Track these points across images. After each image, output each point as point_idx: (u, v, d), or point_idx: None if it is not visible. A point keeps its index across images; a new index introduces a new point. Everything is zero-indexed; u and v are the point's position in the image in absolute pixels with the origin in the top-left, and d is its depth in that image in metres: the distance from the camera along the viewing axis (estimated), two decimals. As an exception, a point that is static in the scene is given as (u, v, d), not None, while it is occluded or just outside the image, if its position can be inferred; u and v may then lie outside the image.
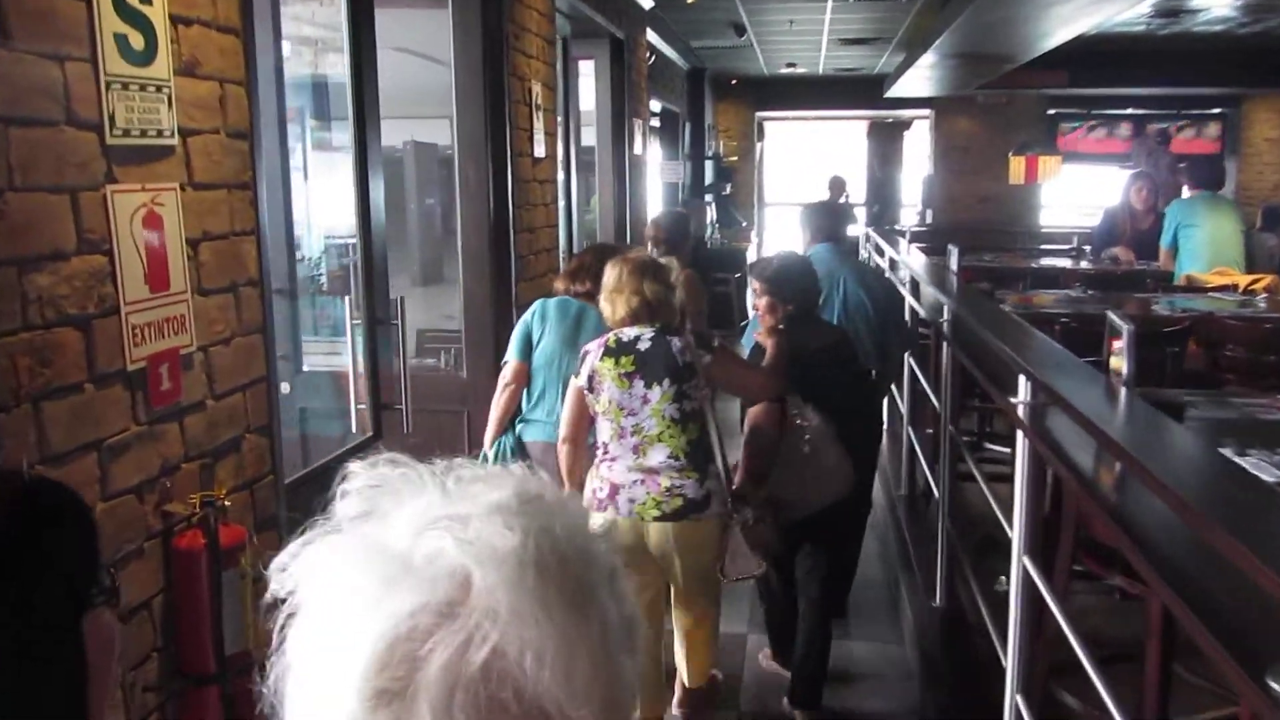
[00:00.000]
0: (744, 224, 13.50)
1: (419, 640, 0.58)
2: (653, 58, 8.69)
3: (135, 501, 1.88)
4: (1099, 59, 10.97)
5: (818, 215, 4.57)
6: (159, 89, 1.94)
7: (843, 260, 4.36)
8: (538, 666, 0.58)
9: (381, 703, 0.58)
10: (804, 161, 19.99)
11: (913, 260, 5.14)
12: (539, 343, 3.62)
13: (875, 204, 11.58)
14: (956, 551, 3.72)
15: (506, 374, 3.63)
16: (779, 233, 15.62)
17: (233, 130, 2.20)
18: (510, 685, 0.58)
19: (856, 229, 11.92)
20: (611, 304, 3.06)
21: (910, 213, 14.34)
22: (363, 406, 3.20)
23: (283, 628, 0.64)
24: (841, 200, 12.42)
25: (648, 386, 2.96)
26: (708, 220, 12.18)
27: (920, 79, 10.86)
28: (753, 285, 3.61)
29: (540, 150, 4.58)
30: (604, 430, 3.04)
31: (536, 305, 3.69)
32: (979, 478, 3.46)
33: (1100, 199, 15.33)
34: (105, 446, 1.81)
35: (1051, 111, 13.97)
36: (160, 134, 1.95)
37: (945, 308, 3.71)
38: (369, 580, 0.60)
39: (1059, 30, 7.81)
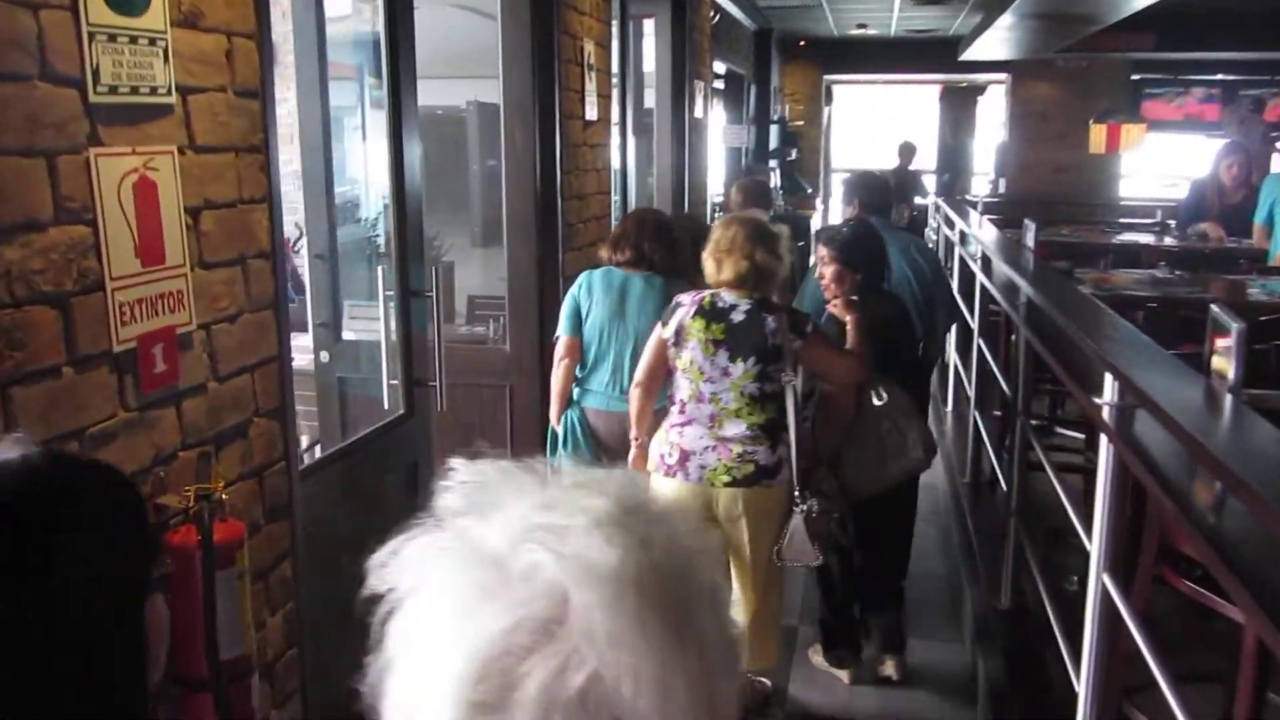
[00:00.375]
0: (809, 190, 13.14)
1: (516, 657, 0.57)
2: (717, 17, 8.38)
3: (123, 494, 1.73)
4: (1188, 21, 10.38)
5: (862, 186, 4.42)
6: (153, 41, 1.76)
7: (887, 234, 4.17)
8: (634, 692, 0.58)
9: (478, 714, 0.58)
10: (873, 127, 19.55)
11: (985, 234, 4.84)
12: (588, 315, 3.61)
13: (946, 172, 11.13)
14: (1025, 551, 3.48)
15: (560, 350, 3.63)
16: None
17: (242, 88, 2.02)
18: (607, 711, 0.57)
19: (926, 198, 11.55)
20: (718, 263, 3.00)
21: (982, 182, 13.84)
22: (395, 382, 3.04)
23: (382, 624, 0.63)
24: (910, 167, 12.02)
25: (732, 360, 2.93)
26: (772, 186, 11.86)
27: (998, 41, 10.39)
28: (820, 253, 3.52)
29: (592, 113, 4.36)
30: (682, 388, 3.01)
31: (582, 278, 3.65)
32: (1050, 470, 3.20)
33: (1185, 169, 14.71)
34: (88, 435, 1.65)
35: (1136, 77, 13.32)
36: (154, 91, 1.77)
37: (1021, 289, 3.43)
38: (466, 586, 0.60)
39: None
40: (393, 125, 2.93)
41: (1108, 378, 2.16)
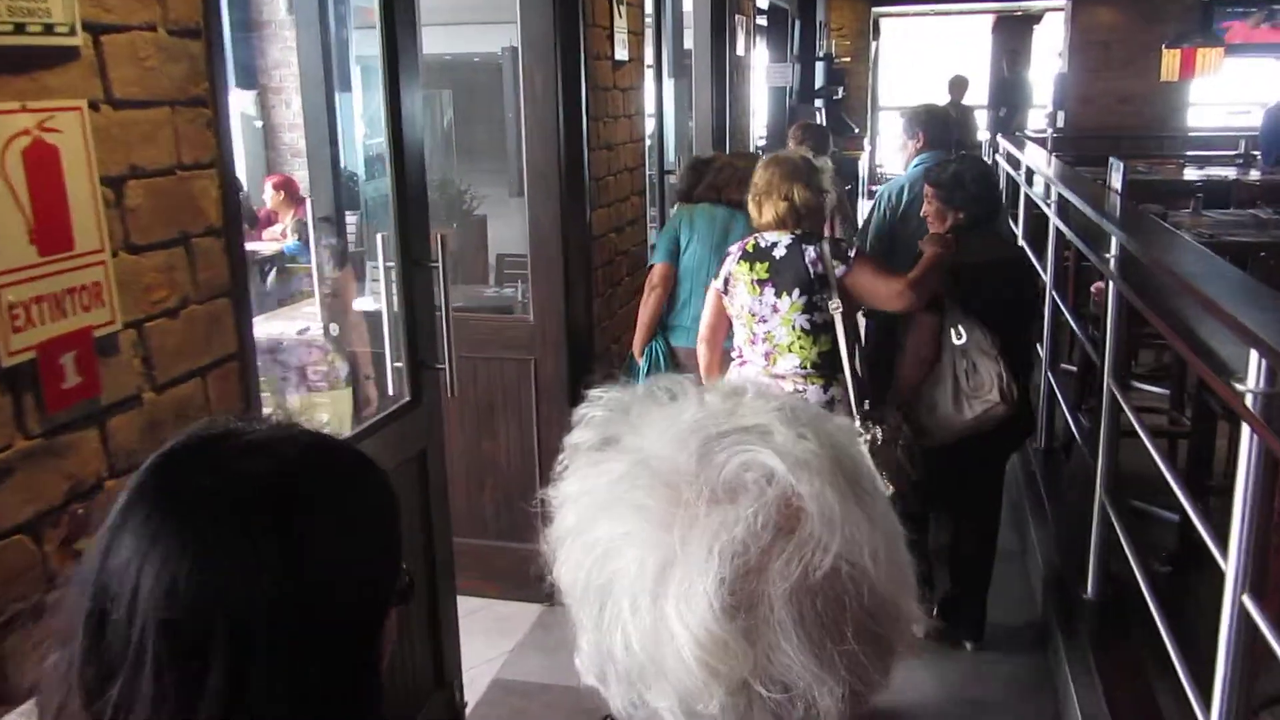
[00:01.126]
0: (855, 130, 12.55)
1: (764, 556, 0.60)
2: (758, -54, 7.84)
3: (28, 543, 1.39)
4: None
5: (923, 119, 4.37)
6: (41, -34, 1.38)
7: None
8: (874, 563, 0.62)
9: (738, 615, 0.60)
10: (923, 62, 18.78)
11: (1060, 176, 4.35)
12: (686, 248, 3.65)
13: (1002, 107, 10.48)
14: (1116, 532, 3.07)
15: (653, 277, 3.68)
16: (894, 140, 14.59)
17: (177, 25, 1.64)
18: (855, 585, 0.62)
19: (980, 134, 10.93)
20: (758, 206, 3.05)
21: (1039, 116, 13.13)
22: (400, 365, 2.68)
23: (553, 554, 0.67)
24: (963, 102, 11.37)
25: (778, 295, 2.96)
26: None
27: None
28: (926, 190, 3.45)
29: (622, 52, 3.93)
30: (738, 334, 3.08)
31: (682, 211, 3.75)
32: (1146, 438, 2.80)
33: (1258, 96, 13.89)
34: (-27, 472, 1.32)
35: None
36: (50, 30, 1.40)
37: (1113, 240, 2.98)
38: (657, 501, 0.62)
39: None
40: (388, 69, 2.54)
41: (1253, 358, 1.74)
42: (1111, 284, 3.01)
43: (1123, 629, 3.09)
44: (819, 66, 11.87)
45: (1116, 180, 3.48)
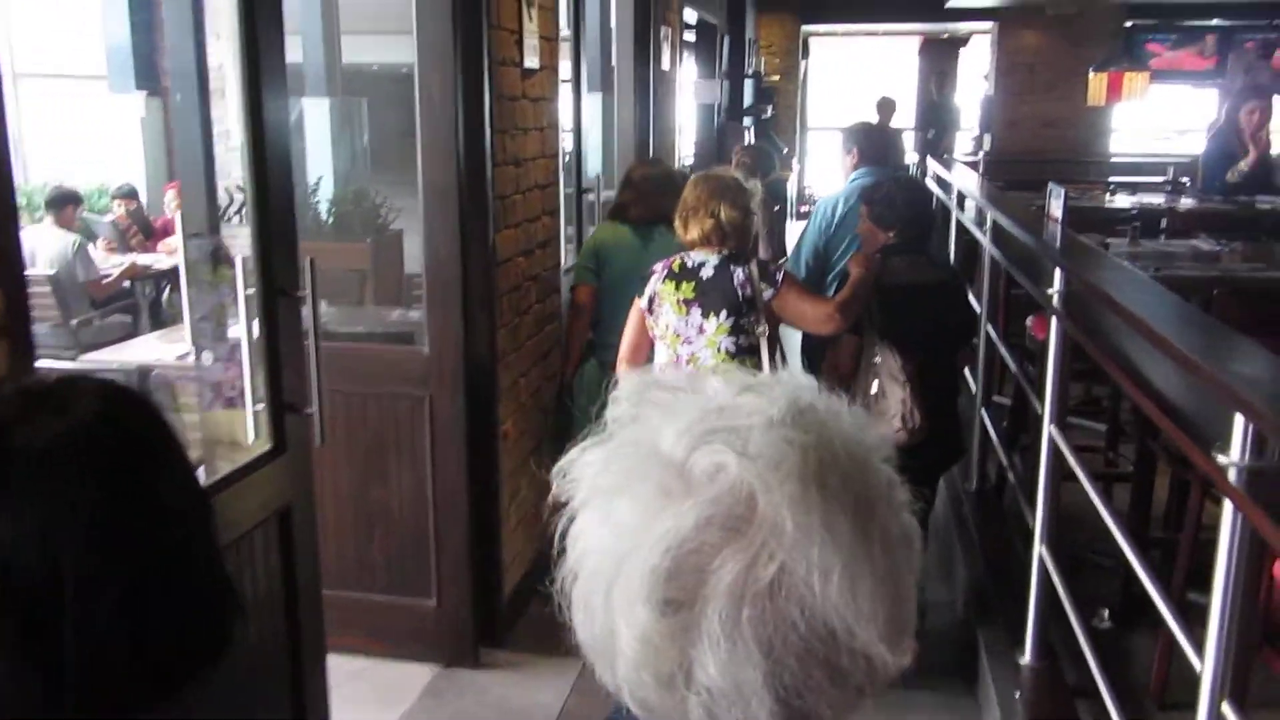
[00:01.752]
0: (785, 150, 12.41)
1: (707, 555, 0.61)
2: (685, -43, 7.61)
3: None
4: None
5: (860, 136, 4.38)
6: None
7: None
8: (824, 584, 0.60)
9: (670, 611, 0.61)
10: (850, 83, 18.83)
11: (994, 201, 4.14)
12: (606, 266, 3.63)
13: (930, 129, 10.41)
14: (1056, 593, 2.84)
15: (576, 299, 3.68)
16: (823, 160, 14.50)
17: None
18: (796, 602, 0.60)
19: (908, 157, 10.85)
20: (684, 223, 3.02)
21: (966, 139, 13.13)
22: (262, 408, 2.33)
23: (563, 533, 0.68)
24: (890, 124, 11.29)
25: (704, 316, 2.92)
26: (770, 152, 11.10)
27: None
28: (860, 208, 3.46)
29: (533, 59, 3.62)
30: (660, 354, 3.01)
31: (600, 228, 3.76)
32: (1085, 480, 2.58)
33: (1178, 123, 14.10)
34: None
35: (1129, 23, 12.63)
36: None
37: (1057, 274, 2.75)
38: (648, 489, 0.63)
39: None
40: (247, 71, 2.20)
41: (1238, 422, 1.49)
42: (1054, 321, 2.77)
43: (1063, 695, 2.86)
44: (748, 84, 11.70)
45: (1056, 208, 3.26)
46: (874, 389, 3.09)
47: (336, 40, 7.28)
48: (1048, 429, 2.81)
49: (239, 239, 4.54)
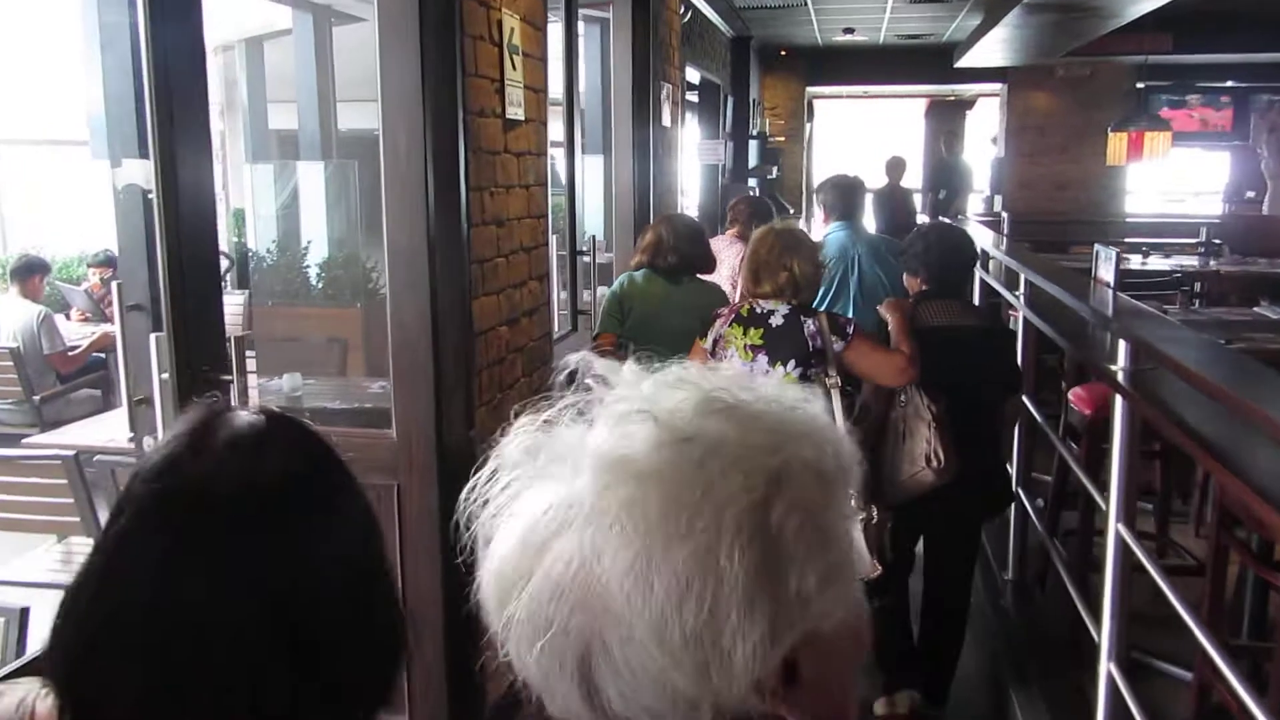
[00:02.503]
0: (791, 211, 12.11)
1: (544, 534, 0.64)
2: (688, 14, 7.36)
3: None
4: (1202, 20, 9.44)
5: (824, 192, 4.51)
6: None
7: (858, 239, 4.30)
8: (619, 581, 0.60)
9: (512, 589, 0.64)
10: (858, 144, 18.68)
11: (1031, 265, 3.76)
12: (629, 315, 3.64)
13: (941, 189, 10.10)
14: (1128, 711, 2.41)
15: (600, 347, 3.55)
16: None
17: None
18: (599, 599, 0.60)
19: (919, 216, 10.52)
20: (755, 275, 3.03)
21: (977, 200, 12.83)
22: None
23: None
24: (901, 184, 10.98)
25: (771, 364, 2.93)
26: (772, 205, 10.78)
27: (997, 44, 9.39)
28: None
29: (517, 110, 3.28)
30: None
31: (624, 276, 3.76)
32: (1163, 584, 2.17)
33: (1194, 184, 13.81)
34: None
35: (1141, 85, 12.38)
36: None
37: (1121, 347, 2.35)
38: (537, 473, 0.67)
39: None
40: (158, 132, 1.83)
41: None
42: (1120, 401, 2.36)
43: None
44: (752, 145, 11.44)
45: (1107, 271, 2.87)
46: (902, 429, 3.06)
47: (332, 106, 7.09)
48: (1115, 527, 2.39)
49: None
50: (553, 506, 0.63)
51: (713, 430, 0.63)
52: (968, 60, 10.68)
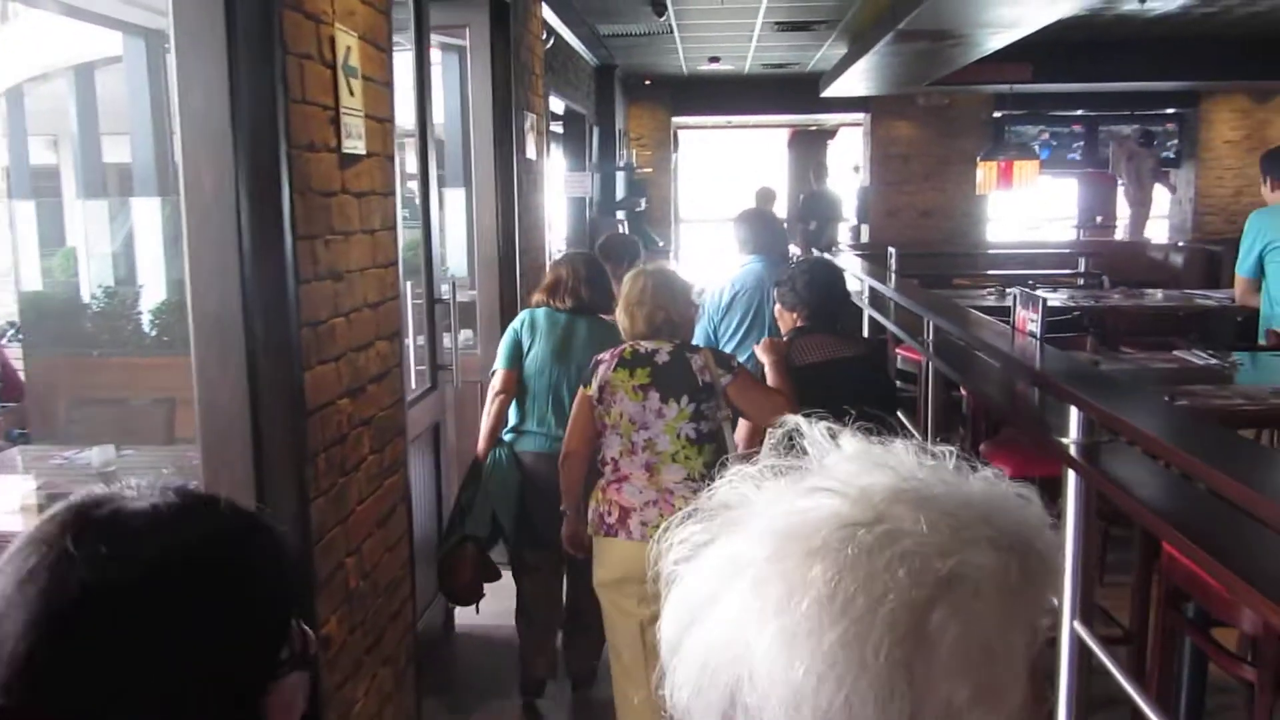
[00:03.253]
0: (660, 244, 11.82)
1: (720, 586, 0.65)
2: (551, 40, 6.96)
3: None
4: (1057, 50, 9.56)
5: (745, 225, 4.56)
6: None
7: (774, 273, 4.15)
8: (766, 646, 0.60)
9: (677, 629, 0.68)
10: (722, 174, 18.66)
11: (941, 311, 3.45)
12: (529, 351, 3.60)
13: (811, 219, 9.95)
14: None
15: (496, 383, 3.63)
16: (698, 253, 14.02)
17: None
18: (744, 650, 0.62)
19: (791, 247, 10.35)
20: (631, 317, 3.05)
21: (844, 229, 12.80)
22: None
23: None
24: (771, 213, 10.83)
25: (664, 401, 2.91)
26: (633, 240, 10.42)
27: (862, 74, 9.33)
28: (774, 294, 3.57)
29: (357, 144, 2.79)
30: (613, 445, 2.98)
31: (525, 314, 3.72)
32: (1130, 689, 1.84)
33: (1049, 212, 14.14)
34: None
35: (998, 114, 12.60)
36: None
37: (1073, 416, 2.02)
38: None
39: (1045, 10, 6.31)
40: None
41: None
42: (1073, 478, 2.02)
43: None
44: (620, 176, 11.12)
45: (1031, 319, 2.55)
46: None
47: (168, 137, 6.44)
48: (1071, 626, 2.05)
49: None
50: (728, 562, 0.63)
51: (895, 519, 0.61)
52: (833, 90, 10.62)
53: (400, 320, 3.23)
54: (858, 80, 9.76)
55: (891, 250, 4.83)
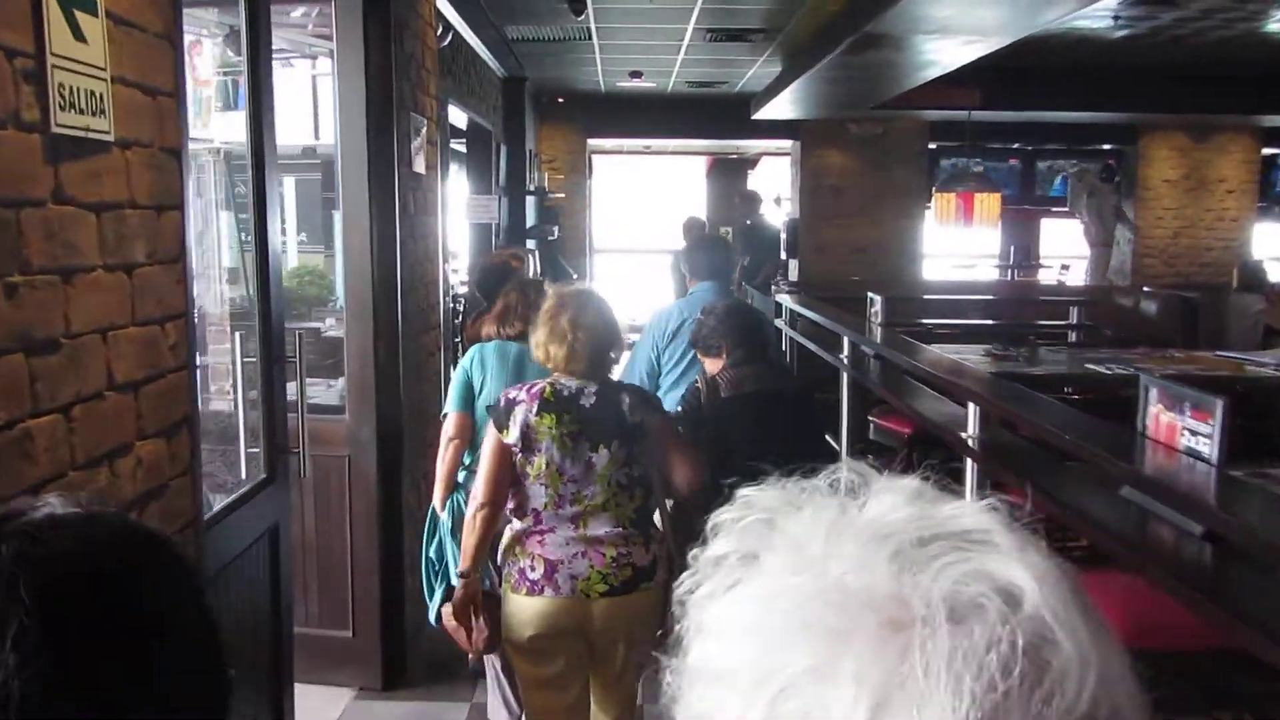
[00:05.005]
0: (575, 276, 10.76)
1: (1010, 690, 0.45)
2: (448, 36, 5.88)
3: None
4: (1003, 77, 8.82)
5: (698, 251, 4.46)
6: None
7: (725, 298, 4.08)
8: (1132, 707, 0.48)
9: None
10: (638, 204, 17.79)
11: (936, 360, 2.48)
12: (481, 391, 3.36)
13: (746, 254, 9.00)
14: None
15: (449, 428, 3.39)
16: (615, 285, 12.99)
17: None
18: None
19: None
20: (567, 348, 2.69)
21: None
22: None
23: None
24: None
25: (594, 449, 2.67)
26: (531, 272, 9.32)
27: (798, 95, 8.45)
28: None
29: (88, 120, 1.68)
30: (536, 497, 2.68)
31: (473, 351, 3.49)
32: None
33: (977, 248, 13.48)
34: None
35: (932, 145, 11.88)
36: None
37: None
38: (858, 626, 0.47)
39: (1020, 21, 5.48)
40: None
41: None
42: None
43: None
44: (530, 201, 10.05)
45: (1195, 433, 1.56)
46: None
47: None
48: None
49: None
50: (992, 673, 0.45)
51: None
52: (765, 112, 9.74)
53: (189, 403, 2.11)
54: (793, 102, 8.88)
55: (874, 297, 3.90)
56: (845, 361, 3.85)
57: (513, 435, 2.65)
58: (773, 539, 0.53)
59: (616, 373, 3.26)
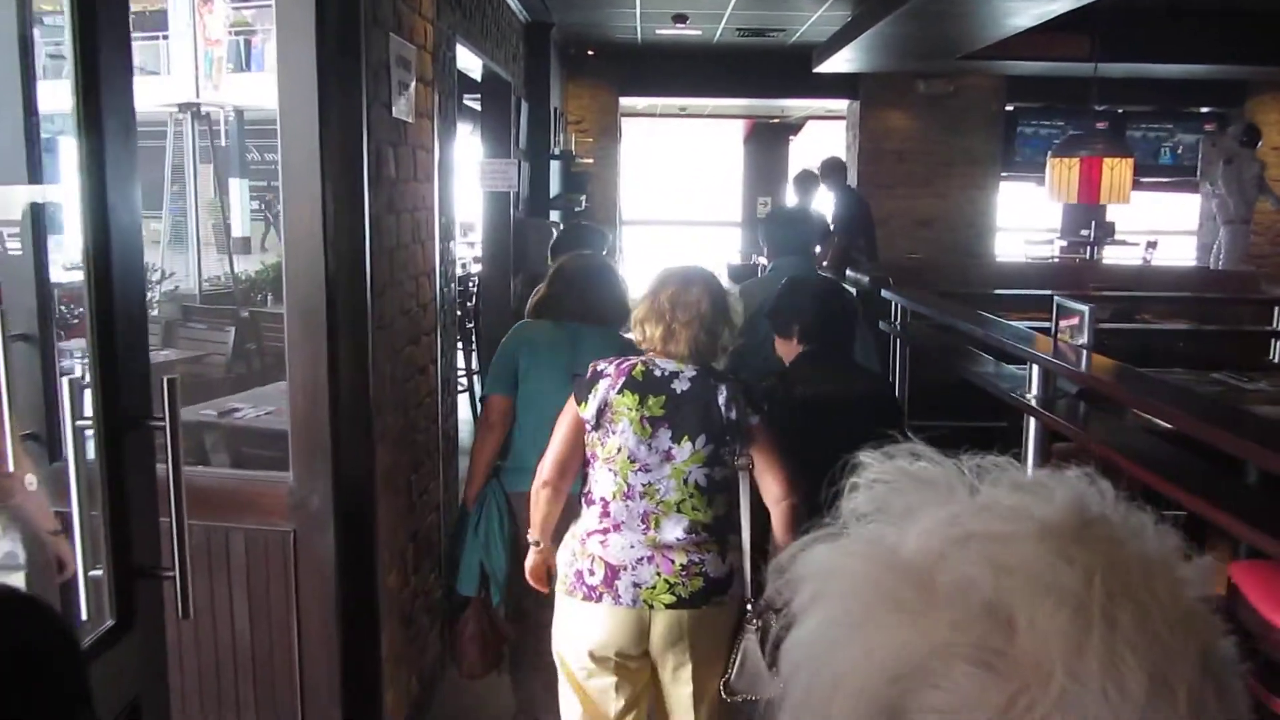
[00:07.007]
0: (611, 237, 9.48)
1: (941, 690, 0.47)
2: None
3: None
4: (1129, 19, 7.46)
5: (773, 224, 4.12)
6: None
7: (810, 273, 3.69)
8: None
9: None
10: (669, 172, 16.62)
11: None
12: (525, 376, 3.05)
13: (839, 232, 7.64)
14: None
15: (489, 413, 3.09)
16: (645, 260, 11.69)
17: None
18: None
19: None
20: (668, 330, 2.46)
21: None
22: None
23: (778, 643, 0.57)
24: (811, 206, 8.47)
25: (675, 440, 2.42)
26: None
27: (871, 45, 7.14)
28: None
29: None
30: (604, 483, 2.46)
31: (518, 327, 3.20)
32: None
33: (1053, 222, 12.12)
34: None
35: (1010, 107, 10.52)
36: None
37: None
38: (875, 599, 0.51)
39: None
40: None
41: None
42: None
43: None
44: (554, 167, 8.77)
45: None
46: None
47: None
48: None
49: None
50: (941, 651, 0.48)
51: (1113, 548, 0.49)
52: (830, 64, 8.41)
53: None
54: (865, 51, 7.57)
55: (1068, 304, 2.69)
56: (1034, 401, 2.82)
57: (589, 410, 2.45)
58: (871, 509, 0.54)
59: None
